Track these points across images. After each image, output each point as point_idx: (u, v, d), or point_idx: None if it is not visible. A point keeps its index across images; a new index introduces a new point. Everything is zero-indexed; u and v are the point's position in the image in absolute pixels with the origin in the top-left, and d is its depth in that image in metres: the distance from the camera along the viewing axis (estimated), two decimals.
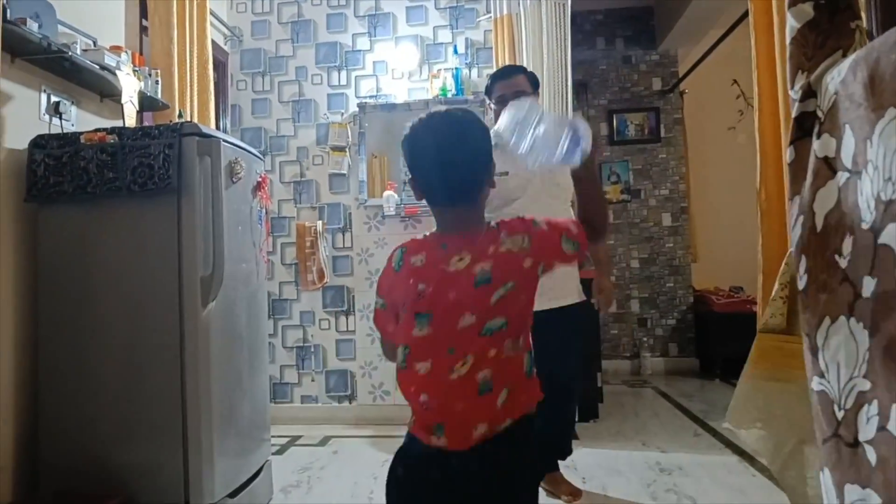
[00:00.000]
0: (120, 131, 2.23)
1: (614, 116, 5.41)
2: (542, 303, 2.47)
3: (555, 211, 2.50)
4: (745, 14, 3.58)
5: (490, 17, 3.83)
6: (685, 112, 5.44)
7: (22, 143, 2.23)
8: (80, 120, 2.56)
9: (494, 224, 1.19)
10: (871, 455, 0.67)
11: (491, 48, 3.84)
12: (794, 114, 0.87)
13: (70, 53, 2.29)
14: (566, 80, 3.56)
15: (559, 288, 2.53)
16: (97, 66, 2.44)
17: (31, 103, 2.33)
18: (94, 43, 2.59)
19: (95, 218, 2.20)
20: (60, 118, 2.44)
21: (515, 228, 1.17)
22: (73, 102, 2.52)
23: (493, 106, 2.63)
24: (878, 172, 0.64)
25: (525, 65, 3.58)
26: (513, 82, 2.54)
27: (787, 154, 0.88)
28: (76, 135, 2.23)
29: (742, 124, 5.37)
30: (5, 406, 2.07)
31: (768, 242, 2.93)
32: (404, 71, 3.95)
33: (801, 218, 0.82)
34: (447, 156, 1.17)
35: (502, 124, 1.23)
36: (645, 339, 5.30)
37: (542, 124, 1.13)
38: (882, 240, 0.64)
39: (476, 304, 1.12)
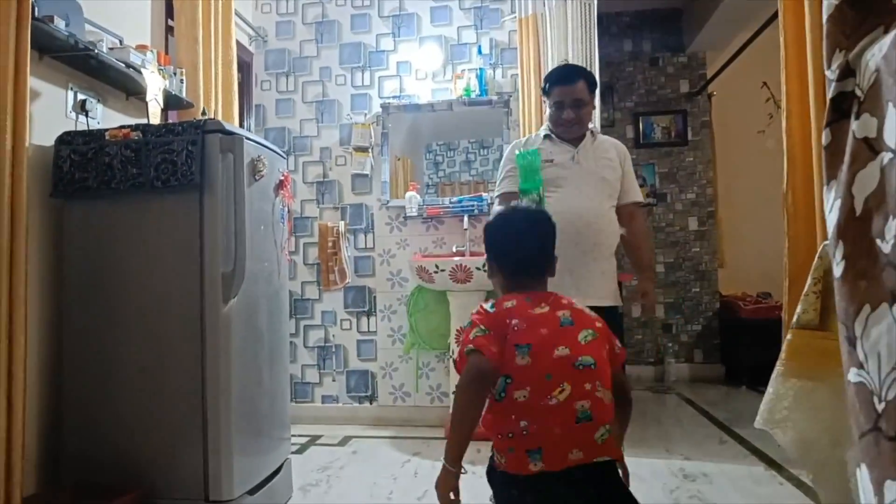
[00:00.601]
0: (144, 128, 2.24)
1: (640, 119, 5.35)
2: (581, 298, 2.47)
3: (598, 205, 2.49)
4: (776, 15, 3.52)
5: (515, 16, 3.80)
6: (713, 115, 5.36)
7: (49, 140, 2.26)
8: (105, 117, 2.58)
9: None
10: None
11: (516, 48, 3.81)
12: (830, 94, 0.83)
13: (97, 51, 2.31)
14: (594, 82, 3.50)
15: (597, 286, 2.49)
16: (123, 65, 2.46)
17: (57, 101, 2.35)
18: (121, 42, 2.62)
19: (119, 213, 2.21)
20: (87, 116, 2.46)
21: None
22: (98, 100, 2.55)
23: (549, 108, 2.58)
24: None
25: (551, 65, 3.54)
26: (573, 90, 2.50)
27: (824, 137, 0.84)
28: (101, 131, 2.24)
29: (771, 128, 5.27)
30: (30, 398, 2.08)
31: (795, 247, 2.86)
32: (428, 71, 3.94)
33: (839, 203, 0.78)
34: (533, 242, 1.53)
35: None
36: (670, 344, 5.22)
37: None
38: None
39: (567, 340, 1.31)
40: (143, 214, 2.20)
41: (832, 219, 0.78)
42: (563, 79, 2.53)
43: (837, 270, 0.76)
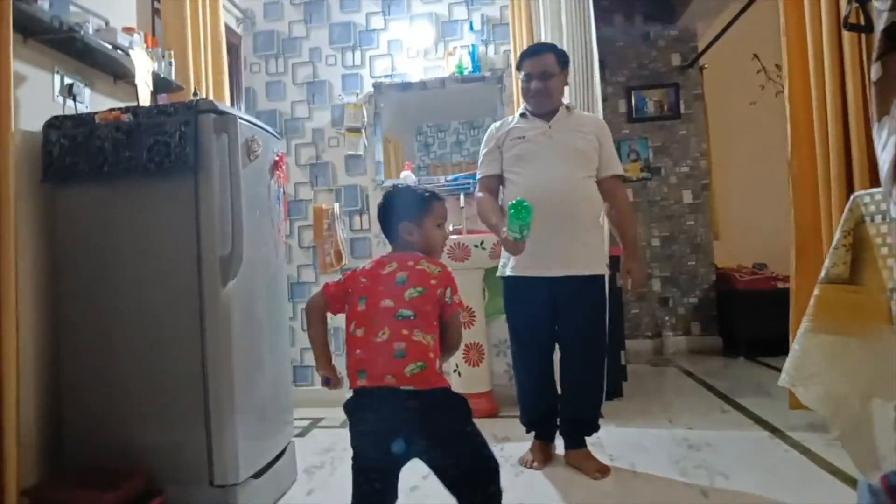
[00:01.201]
0: (135, 110, 2.19)
1: (633, 93, 5.32)
2: (561, 268, 2.48)
3: (570, 175, 2.52)
4: None
5: None
6: (705, 88, 5.34)
7: (36, 125, 2.20)
8: (93, 102, 2.52)
9: (420, 256, 1.71)
10: None
11: (508, 24, 3.76)
12: (881, 26, 0.79)
13: (82, 33, 2.25)
14: (590, 57, 3.43)
15: (577, 257, 2.52)
16: (110, 47, 2.40)
17: (44, 85, 2.30)
18: (107, 24, 2.55)
19: (112, 197, 2.17)
20: (74, 100, 2.40)
21: (433, 262, 1.69)
22: (86, 84, 2.49)
23: (520, 80, 2.66)
24: None
25: (543, 40, 3.50)
26: (540, 62, 2.59)
27: (873, 72, 0.80)
28: (91, 115, 2.19)
29: (763, 99, 5.27)
30: (27, 386, 2.06)
31: (801, 212, 2.86)
32: (419, 49, 3.89)
33: (894, 139, 0.74)
34: (383, 214, 1.83)
35: None
36: (667, 318, 5.23)
37: None
38: None
39: (393, 294, 1.62)
40: (137, 198, 2.16)
41: (886, 157, 0.75)
42: (532, 52, 2.65)
43: (894, 211, 0.73)
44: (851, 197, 1.28)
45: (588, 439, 2.65)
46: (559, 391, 2.68)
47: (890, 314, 1.04)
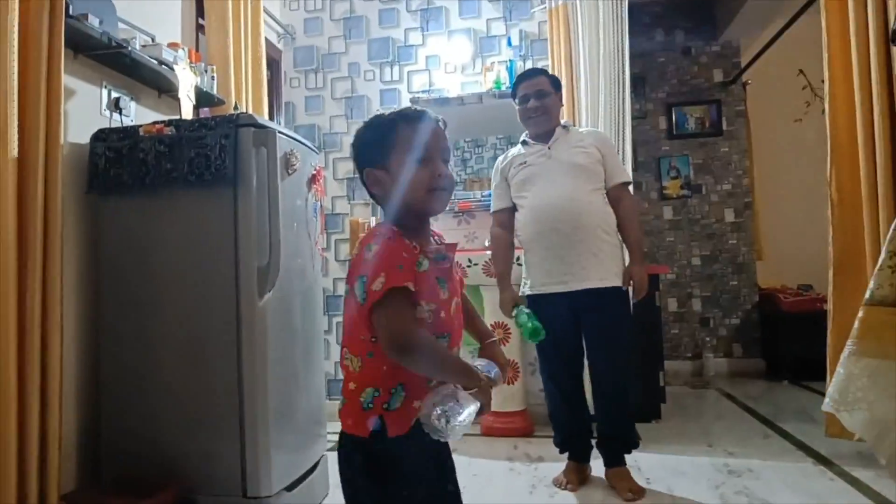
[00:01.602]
0: (177, 123, 2.23)
1: (673, 110, 5.24)
2: (578, 282, 2.46)
3: (573, 190, 2.55)
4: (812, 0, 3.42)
5: (545, 7, 3.75)
6: (748, 104, 5.23)
7: (84, 137, 2.27)
8: (138, 115, 2.59)
9: (380, 225, 1.24)
10: None
11: (546, 40, 3.75)
12: None
13: (130, 49, 2.32)
14: (622, 72, 3.43)
15: (590, 268, 2.52)
16: (155, 62, 2.47)
17: (92, 98, 2.37)
18: (153, 39, 2.62)
19: (154, 208, 2.21)
20: (120, 113, 2.47)
21: (367, 237, 1.22)
22: (132, 98, 2.56)
23: (517, 106, 2.72)
24: None
25: (581, 56, 3.49)
26: (535, 83, 2.65)
27: None
28: (135, 127, 2.25)
29: (809, 116, 5.14)
30: (68, 395, 2.09)
31: (840, 235, 2.78)
32: (457, 64, 3.91)
33: None
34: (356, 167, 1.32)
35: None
36: (707, 339, 5.10)
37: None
38: None
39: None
40: (177, 209, 2.20)
41: None
42: (525, 76, 2.73)
43: None
44: (895, 220, 1.23)
45: (627, 459, 2.59)
46: (591, 410, 2.66)
47: None
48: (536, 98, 2.63)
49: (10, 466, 1.75)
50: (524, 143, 2.73)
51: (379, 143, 1.23)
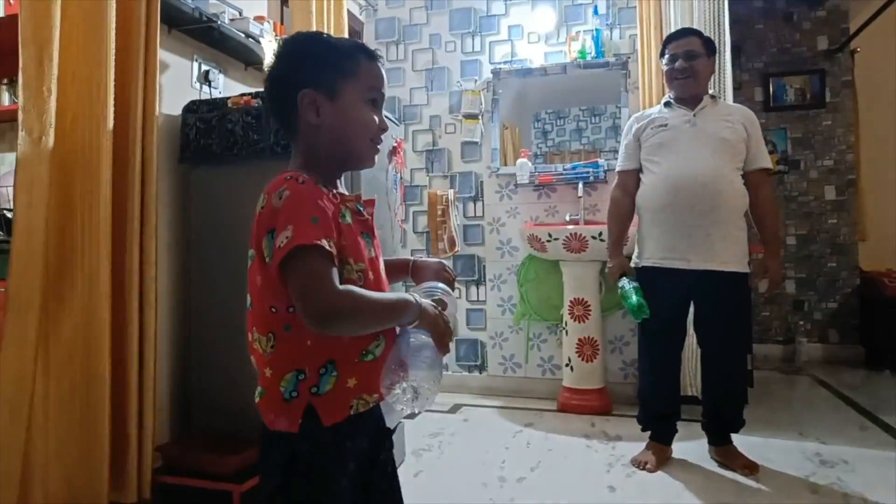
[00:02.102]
0: (263, 95, 2.28)
1: (771, 80, 4.92)
2: (703, 262, 2.35)
3: (717, 166, 2.40)
4: None
5: None
6: (856, 74, 4.85)
7: (176, 109, 2.35)
8: (226, 87, 2.66)
9: (287, 175, 1.00)
10: None
11: (634, 7, 3.57)
12: None
13: (219, 23, 2.39)
14: (723, 40, 3.23)
15: (718, 250, 2.38)
16: (242, 35, 2.53)
17: (184, 71, 2.45)
18: (240, 13, 2.68)
19: (242, 177, 2.26)
20: (210, 86, 2.55)
21: (270, 186, 0.99)
22: (220, 70, 2.63)
23: (664, 66, 2.58)
24: None
25: (673, 23, 3.32)
26: (685, 42, 2.53)
27: None
28: (224, 99, 2.31)
29: None
30: (161, 352, 2.20)
31: None
32: (541, 34, 3.80)
33: None
34: (267, 76, 1.10)
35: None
36: (801, 322, 4.82)
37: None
38: None
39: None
40: (264, 178, 2.17)
41: None
42: (677, 35, 2.59)
43: None
44: None
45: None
46: (700, 387, 2.65)
47: None
48: (686, 59, 2.49)
49: (103, 421, 1.87)
50: (667, 104, 2.58)
51: (331, 65, 1.03)
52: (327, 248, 0.91)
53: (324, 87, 1.02)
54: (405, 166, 3.80)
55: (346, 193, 1.07)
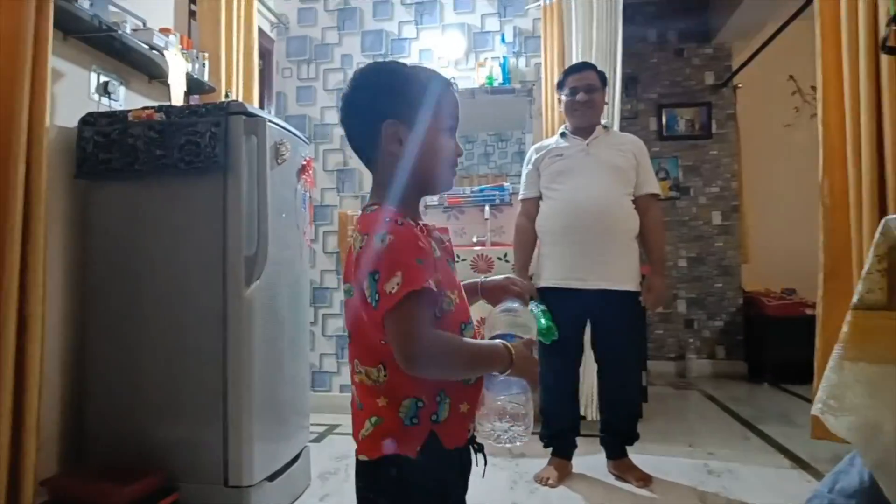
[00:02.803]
0: (168, 109, 2.22)
1: (664, 111, 5.26)
2: (598, 280, 2.48)
3: (609, 191, 2.57)
4: (806, 4, 3.45)
5: (539, 5, 3.74)
6: (739, 108, 5.26)
7: (72, 121, 2.24)
8: (127, 100, 2.57)
9: (373, 208, 1.04)
10: None
11: (539, 37, 3.75)
12: None
13: (120, 32, 2.30)
14: (615, 69, 3.45)
15: (614, 270, 2.54)
16: (146, 47, 2.45)
17: (81, 82, 2.34)
18: (144, 24, 2.60)
19: (143, 194, 2.19)
20: (109, 97, 2.45)
21: (366, 224, 1.00)
22: (121, 82, 2.53)
23: (563, 98, 2.72)
24: None
25: (574, 54, 3.50)
26: (585, 76, 2.68)
27: None
28: (125, 112, 2.23)
29: (798, 121, 5.19)
30: (51, 379, 2.08)
31: (831, 240, 2.78)
32: (450, 59, 3.89)
33: None
34: (343, 105, 1.09)
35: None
36: (691, 340, 5.14)
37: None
38: None
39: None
40: (167, 195, 2.18)
41: None
42: (577, 68, 2.75)
43: None
44: (883, 221, 1.23)
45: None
46: (597, 404, 2.78)
47: None
48: (586, 92, 2.64)
49: None
50: (563, 134, 2.74)
51: (408, 95, 1.04)
52: (434, 288, 0.95)
53: (406, 117, 1.03)
54: (314, 185, 3.77)
55: (428, 224, 1.10)
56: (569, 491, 2.53)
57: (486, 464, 1.11)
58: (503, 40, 3.84)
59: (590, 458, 2.79)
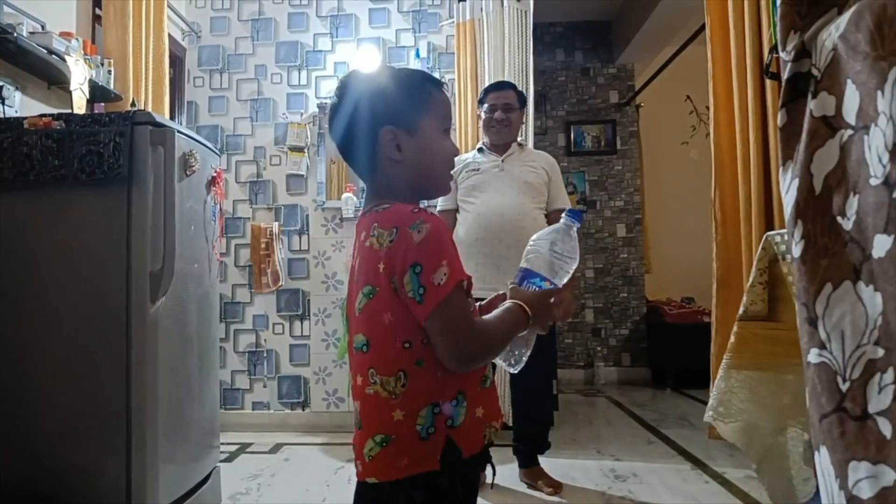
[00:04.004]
0: (67, 117, 2.11)
1: (572, 128, 5.47)
2: (503, 291, 2.53)
3: (520, 204, 2.66)
4: (700, 29, 3.68)
5: (453, 21, 3.83)
6: (640, 125, 5.54)
7: None
8: (24, 107, 2.43)
9: (385, 206, 0.98)
10: (886, 428, 0.64)
11: (453, 53, 3.83)
12: (785, 75, 0.85)
13: (15, 35, 2.18)
14: (527, 87, 3.57)
15: None
16: (45, 51, 2.33)
17: None
18: (43, 27, 2.48)
19: (38, 207, 2.07)
20: (3, 103, 2.31)
21: (390, 218, 0.95)
22: (17, 88, 2.39)
23: (481, 114, 2.81)
24: (892, 123, 0.63)
25: (487, 71, 3.60)
26: (504, 94, 2.77)
27: (779, 118, 0.86)
28: (19, 119, 2.10)
29: (694, 139, 5.52)
30: None
31: (723, 251, 2.98)
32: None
33: (796, 182, 0.80)
34: (333, 115, 1.06)
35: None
36: (599, 348, 5.34)
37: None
38: None
39: (353, 307, 1.00)
40: (65, 209, 2.07)
41: (790, 199, 0.80)
42: (497, 87, 2.84)
43: (796, 250, 0.78)
44: (765, 236, 1.34)
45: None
46: (511, 414, 2.79)
47: None
48: (504, 110, 2.74)
49: None
50: (480, 150, 2.83)
51: (408, 100, 1.02)
52: (469, 279, 0.93)
53: (403, 122, 1.01)
54: (225, 197, 3.68)
55: None
56: (482, 500, 2.57)
57: (494, 474, 1.08)
58: (417, 55, 3.89)
59: (503, 468, 2.84)
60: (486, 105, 2.78)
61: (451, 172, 1.10)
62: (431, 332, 0.91)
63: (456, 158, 2.76)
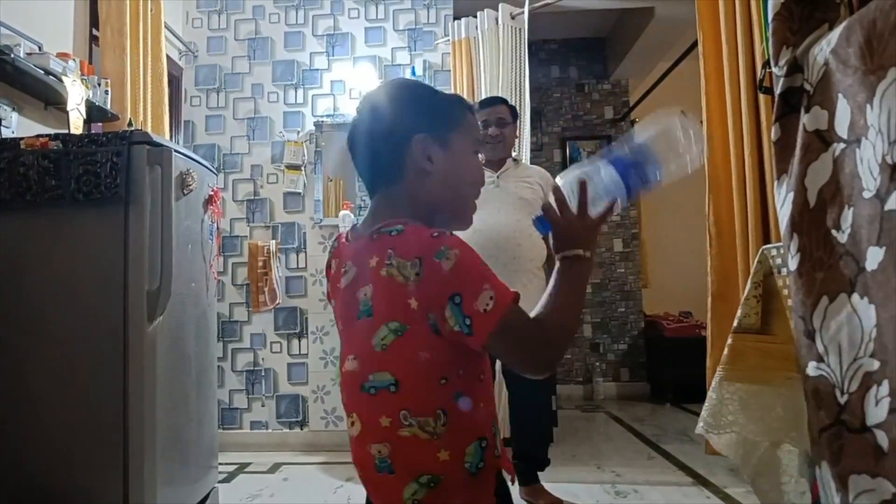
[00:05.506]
0: (64, 137, 2.12)
1: (567, 144, 5.50)
2: None
3: (516, 222, 2.65)
4: (694, 44, 3.72)
5: (448, 40, 3.86)
6: None
7: None
8: (21, 127, 2.44)
9: (398, 228, 0.89)
10: (883, 440, 0.64)
11: (449, 71, 3.86)
12: (778, 90, 0.86)
13: (12, 55, 2.20)
14: (523, 104, 3.59)
15: (522, 296, 2.59)
16: (42, 71, 2.35)
17: None
18: (40, 48, 2.49)
19: (36, 227, 2.07)
20: (0, 124, 2.32)
21: (410, 246, 0.85)
22: (14, 108, 2.40)
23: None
24: (881, 136, 0.63)
25: (482, 88, 3.62)
26: (497, 110, 2.77)
27: (773, 132, 0.87)
28: (16, 140, 2.12)
29: None
30: None
31: (718, 265, 2.98)
32: (362, 91, 3.92)
33: (791, 196, 0.80)
34: (354, 128, 1.01)
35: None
36: (597, 363, 5.32)
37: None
38: (890, 205, 0.62)
39: (359, 342, 0.90)
40: (62, 229, 2.07)
41: (785, 212, 0.80)
42: (489, 103, 2.84)
43: (792, 264, 0.78)
44: (761, 250, 1.35)
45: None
46: (511, 430, 2.76)
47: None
48: (497, 126, 2.74)
49: None
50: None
51: (447, 114, 0.98)
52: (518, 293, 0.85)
53: (437, 134, 0.95)
54: (222, 216, 3.68)
55: None
56: None
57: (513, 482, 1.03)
58: (413, 73, 3.91)
59: None
60: (479, 120, 2.78)
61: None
62: (498, 355, 0.88)
63: None
